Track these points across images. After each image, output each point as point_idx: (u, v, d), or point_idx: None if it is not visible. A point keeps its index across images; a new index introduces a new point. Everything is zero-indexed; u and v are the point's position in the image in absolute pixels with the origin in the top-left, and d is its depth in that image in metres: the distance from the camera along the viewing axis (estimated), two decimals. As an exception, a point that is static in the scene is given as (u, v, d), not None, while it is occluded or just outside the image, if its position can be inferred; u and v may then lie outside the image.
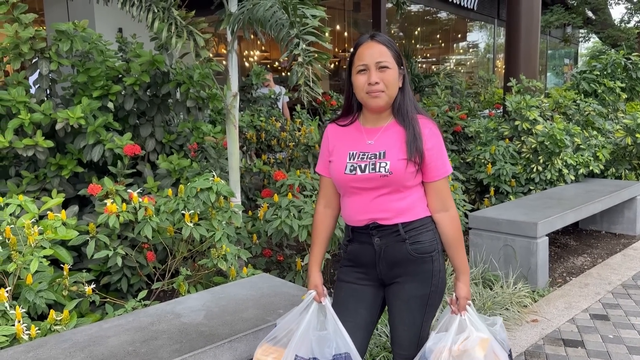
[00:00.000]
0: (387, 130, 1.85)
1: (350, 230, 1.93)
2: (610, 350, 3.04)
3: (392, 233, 1.84)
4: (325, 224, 2.03)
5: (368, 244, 1.88)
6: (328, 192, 2.00)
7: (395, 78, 1.80)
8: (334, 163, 1.89)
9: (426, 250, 1.84)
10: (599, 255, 4.74)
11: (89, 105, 3.47)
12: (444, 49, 14.48)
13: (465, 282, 1.88)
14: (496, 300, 3.43)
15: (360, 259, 1.92)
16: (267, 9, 2.49)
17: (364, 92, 1.80)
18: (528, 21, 6.58)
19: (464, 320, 1.84)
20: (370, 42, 1.81)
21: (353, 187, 1.85)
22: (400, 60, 1.83)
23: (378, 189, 1.81)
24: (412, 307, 1.87)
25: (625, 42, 13.56)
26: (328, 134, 1.97)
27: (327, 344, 1.83)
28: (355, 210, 1.88)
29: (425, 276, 1.85)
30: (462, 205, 4.34)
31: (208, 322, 2.23)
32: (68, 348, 2.04)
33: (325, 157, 1.96)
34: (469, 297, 1.88)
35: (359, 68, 1.80)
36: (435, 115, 6.05)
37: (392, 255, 1.85)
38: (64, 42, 3.43)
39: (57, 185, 3.55)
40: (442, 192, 1.85)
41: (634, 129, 5.49)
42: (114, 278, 3.11)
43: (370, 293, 1.94)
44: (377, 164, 1.79)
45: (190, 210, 2.88)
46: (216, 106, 4.12)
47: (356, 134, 1.90)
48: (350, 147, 1.88)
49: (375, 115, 1.87)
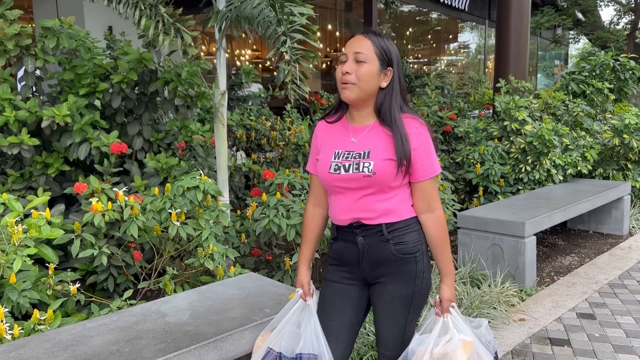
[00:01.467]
0: (372, 130, 1.83)
1: (335, 229, 1.92)
2: (596, 348, 3.06)
3: (375, 233, 1.82)
4: (315, 223, 2.02)
5: (352, 243, 1.87)
6: (317, 190, 1.99)
7: (371, 74, 1.77)
8: (320, 161, 1.88)
9: (410, 251, 1.83)
10: (587, 255, 4.77)
11: (75, 103, 3.43)
12: (436, 49, 14.52)
13: (449, 284, 1.86)
14: (484, 299, 3.44)
15: (345, 258, 1.92)
16: (254, 7, 2.47)
17: (339, 81, 1.80)
18: (518, 22, 6.61)
19: (447, 322, 1.83)
20: (359, 36, 1.80)
21: (337, 186, 1.84)
22: (388, 60, 1.79)
23: (362, 189, 1.80)
24: (395, 307, 1.86)
25: (615, 43, 13.65)
26: (317, 132, 1.96)
27: (295, 341, 1.83)
28: (339, 210, 1.87)
29: (409, 277, 1.84)
30: (451, 205, 4.35)
31: (193, 322, 2.21)
32: (51, 348, 2.01)
33: (314, 155, 1.96)
34: (453, 300, 1.86)
35: (341, 58, 1.80)
36: (426, 115, 6.06)
37: (375, 254, 1.84)
38: (50, 39, 3.40)
39: (43, 183, 3.52)
40: (429, 193, 1.83)
41: (621, 130, 5.53)
42: (100, 277, 3.08)
43: (355, 292, 1.94)
44: (360, 164, 1.77)
45: (177, 209, 2.86)
46: (205, 105, 4.09)
47: (342, 131, 1.89)
48: (336, 145, 1.87)
49: (358, 111, 1.86)
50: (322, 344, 1.84)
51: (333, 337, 1.90)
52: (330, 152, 1.86)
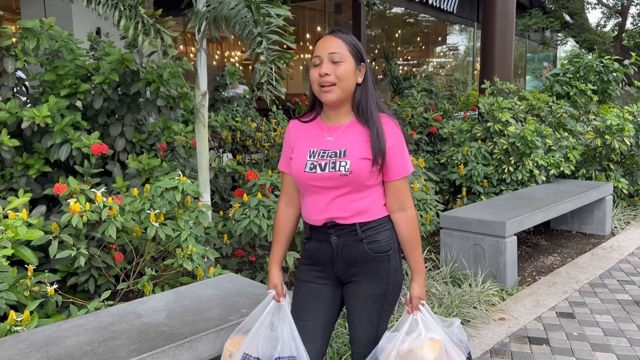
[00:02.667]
0: (348, 128, 1.84)
1: (309, 229, 1.93)
2: (574, 347, 3.09)
3: (349, 232, 1.83)
4: (287, 222, 2.01)
5: (326, 243, 1.88)
6: (290, 189, 1.99)
7: (350, 72, 1.78)
8: (294, 160, 1.88)
9: (383, 249, 1.84)
10: (569, 255, 4.82)
11: (56, 104, 3.43)
12: (424, 51, 14.59)
13: (419, 282, 1.88)
14: (464, 298, 3.46)
15: (318, 257, 1.92)
16: (232, 8, 2.48)
17: (317, 84, 1.79)
18: (503, 24, 6.67)
19: (417, 320, 1.84)
20: (328, 36, 1.81)
21: (312, 185, 1.83)
22: (360, 55, 1.81)
23: (338, 188, 1.80)
24: (369, 305, 1.88)
25: (601, 45, 13.77)
26: (290, 130, 1.95)
27: (273, 345, 1.83)
28: (313, 209, 1.87)
29: (382, 275, 1.86)
30: (435, 206, 4.38)
31: (169, 322, 2.21)
32: (24, 349, 2.01)
33: (287, 153, 1.95)
34: (422, 298, 1.88)
35: (314, 61, 1.80)
36: (411, 116, 6.09)
37: (349, 254, 1.85)
38: (30, 39, 3.39)
39: (24, 185, 3.50)
40: (401, 192, 1.85)
41: (603, 131, 5.59)
42: (81, 279, 3.07)
43: (328, 292, 1.94)
44: (337, 163, 1.78)
45: (155, 210, 2.86)
46: (188, 105, 4.10)
47: (317, 130, 1.89)
48: (310, 144, 1.86)
49: (334, 111, 1.86)
50: (299, 346, 1.84)
51: (308, 337, 1.91)
52: (305, 151, 1.85)
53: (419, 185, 4.18)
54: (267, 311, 1.91)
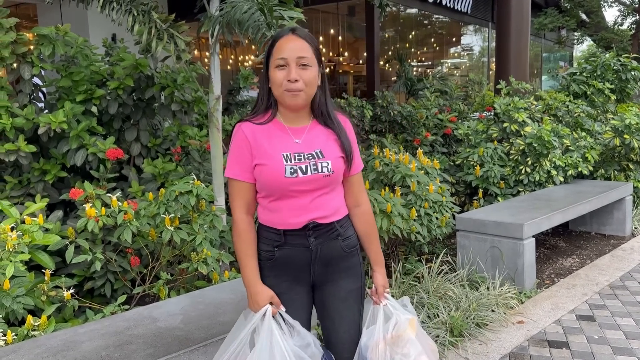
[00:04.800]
0: (312, 130, 1.81)
1: (281, 235, 1.79)
2: (594, 351, 3.03)
3: (327, 231, 1.80)
4: (253, 233, 1.83)
5: (302, 247, 1.79)
6: (248, 198, 1.81)
7: (315, 76, 1.74)
8: (269, 167, 1.73)
9: (353, 244, 1.87)
10: (588, 256, 4.74)
11: (71, 110, 3.46)
12: (439, 52, 14.50)
13: (381, 272, 1.91)
14: (482, 301, 3.42)
15: (291, 264, 1.81)
16: (244, 11, 2.48)
17: (283, 88, 1.71)
18: (518, 23, 6.61)
19: (387, 308, 1.86)
20: (291, 36, 1.72)
21: (293, 190, 1.75)
22: (320, 57, 1.77)
23: (319, 189, 1.77)
24: (350, 303, 1.86)
25: (619, 44, 13.59)
26: (246, 134, 1.76)
27: (314, 345, 1.75)
28: (292, 213, 1.77)
29: (356, 270, 1.88)
30: (450, 208, 4.33)
31: (184, 327, 2.21)
32: (41, 353, 2.02)
33: (246, 160, 1.76)
34: (386, 286, 1.90)
35: (277, 62, 1.70)
36: (425, 117, 6.05)
37: (327, 253, 1.82)
38: (46, 46, 3.42)
39: (41, 190, 3.54)
40: (358, 187, 1.89)
41: (622, 130, 5.50)
42: (97, 283, 3.09)
43: (305, 298, 1.86)
44: (318, 164, 1.74)
45: (170, 214, 2.87)
46: (202, 109, 4.11)
47: (280, 133, 1.78)
48: (281, 148, 1.76)
49: (295, 113, 1.79)
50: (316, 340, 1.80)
51: None
52: (278, 156, 1.73)
53: (434, 187, 4.14)
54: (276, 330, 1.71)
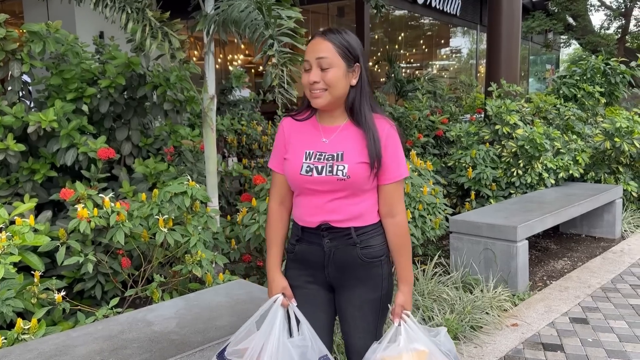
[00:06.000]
0: (344, 130, 1.78)
1: (300, 230, 1.85)
2: (589, 354, 3.04)
3: (343, 236, 1.77)
4: (282, 223, 1.91)
5: (317, 245, 1.81)
6: (282, 189, 1.89)
7: (340, 76, 1.70)
8: (290, 161, 1.80)
9: (376, 254, 1.79)
10: (579, 259, 4.76)
11: (62, 108, 3.39)
12: (428, 54, 14.55)
13: (404, 291, 1.82)
14: (476, 304, 3.41)
15: (308, 260, 1.85)
16: (242, 10, 2.44)
17: (307, 90, 1.74)
18: (509, 26, 6.62)
19: (399, 329, 1.77)
20: (318, 39, 1.73)
21: (308, 188, 1.77)
22: (352, 56, 1.73)
23: (334, 192, 1.75)
24: (365, 312, 1.82)
25: (605, 48, 13.72)
26: (284, 128, 1.86)
27: (310, 350, 1.74)
28: (308, 211, 1.79)
29: (376, 281, 1.80)
30: (443, 210, 4.33)
31: (180, 330, 2.17)
32: (33, 358, 1.97)
33: (281, 152, 1.86)
34: (407, 307, 1.81)
35: (304, 65, 1.74)
36: (417, 119, 6.05)
37: (341, 258, 1.79)
38: (36, 43, 3.35)
39: (29, 190, 3.46)
40: (392, 197, 1.78)
41: (612, 133, 5.54)
42: (87, 285, 3.03)
43: (322, 295, 1.87)
44: (334, 167, 1.72)
45: (164, 215, 2.82)
46: (195, 109, 4.06)
47: (313, 131, 1.82)
48: (306, 145, 1.79)
49: (328, 113, 1.80)
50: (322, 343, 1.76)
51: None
52: (301, 152, 1.79)
53: (428, 189, 4.13)
54: (280, 321, 1.79)
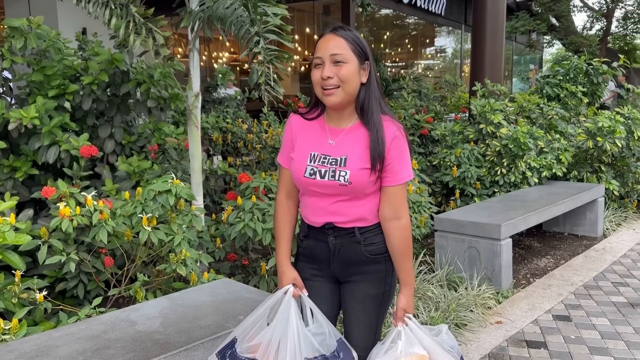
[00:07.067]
0: (350, 132, 1.78)
1: (307, 227, 1.90)
2: (572, 351, 3.07)
3: (347, 234, 1.81)
4: (290, 215, 1.95)
5: (323, 242, 1.85)
6: (289, 184, 1.92)
7: (353, 73, 1.70)
8: (295, 162, 1.82)
9: (380, 251, 1.82)
10: (562, 257, 4.81)
11: (44, 105, 3.34)
12: (413, 53, 14.61)
13: (406, 294, 1.82)
14: (461, 302, 3.43)
15: (315, 256, 1.89)
16: (227, 7, 2.42)
17: (319, 86, 1.72)
18: (493, 26, 6.67)
19: (400, 332, 1.79)
20: (329, 35, 1.72)
21: (312, 190, 1.80)
22: (364, 54, 1.74)
23: (337, 195, 1.77)
24: (367, 306, 1.84)
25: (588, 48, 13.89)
26: (292, 125, 1.88)
27: (328, 336, 1.76)
28: (312, 211, 1.84)
29: (379, 276, 1.83)
30: (428, 208, 4.35)
31: (164, 330, 2.14)
32: (14, 359, 1.93)
33: (288, 149, 1.88)
34: (408, 310, 1.82)
35: (315, 62, 1.73)
36: (402, 118, 6.06)
37: (346, 255, 1.83)
38: (17, 39, 3.30)
39: (10, 188, 3.41)
40: (396, 199, 1.77)
41: (595, 133, 5.60)
42: (70, 284, 2.99)
43: (328, 289, 1.91)
44: (336, 172, 1.73)
45: (148, 214, 2.79)
46: (179, 107, 4.02)
47: (320, 131, 1.83)
48: (312, 146, 1.81)
49: (337, 113, 1.80)
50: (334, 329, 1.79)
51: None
52: (306, 154, 1.80)
53: (413, 188, 4.15)
54: (294, 311, 1.79)
